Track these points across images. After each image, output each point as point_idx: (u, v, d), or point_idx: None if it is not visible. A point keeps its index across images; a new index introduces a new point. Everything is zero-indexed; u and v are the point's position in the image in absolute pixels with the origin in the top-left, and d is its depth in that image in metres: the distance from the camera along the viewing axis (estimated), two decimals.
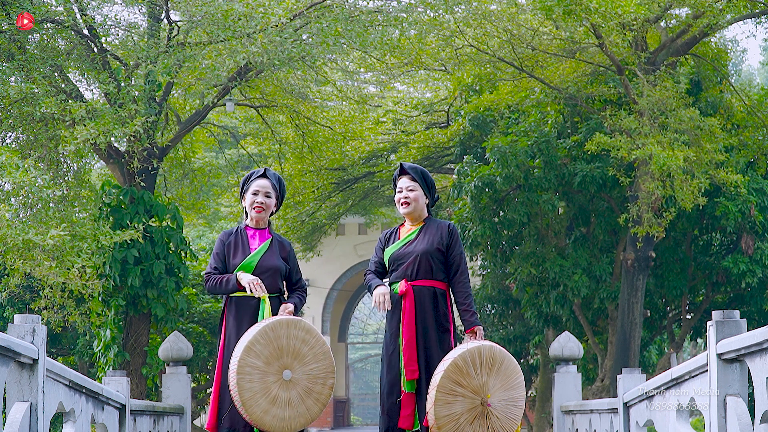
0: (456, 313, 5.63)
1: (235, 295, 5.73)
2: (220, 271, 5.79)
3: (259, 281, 5.59)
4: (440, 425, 5.10)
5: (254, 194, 5.83)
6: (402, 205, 5.69)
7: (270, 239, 5.85)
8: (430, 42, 14.81)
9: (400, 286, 5.54)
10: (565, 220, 15.18)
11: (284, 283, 5.95)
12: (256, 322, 5.54)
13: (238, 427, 5.47)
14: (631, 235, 13.26)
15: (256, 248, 5.77)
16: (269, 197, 5.85)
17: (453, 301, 5.65)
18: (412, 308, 5.49)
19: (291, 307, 5.69)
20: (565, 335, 10.33)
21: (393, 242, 5.70)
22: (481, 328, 5.49)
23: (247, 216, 5.95)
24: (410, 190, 5.66)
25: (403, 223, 5.82)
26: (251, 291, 5.57)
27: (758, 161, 13.89)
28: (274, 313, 5.67)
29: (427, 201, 5.73)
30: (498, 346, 5.25)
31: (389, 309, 5.52)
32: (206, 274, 5.79)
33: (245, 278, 5.60)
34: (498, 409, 5.17)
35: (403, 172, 5.73)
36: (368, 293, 5.73)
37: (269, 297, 5.70)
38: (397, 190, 5.72)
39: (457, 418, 5.11)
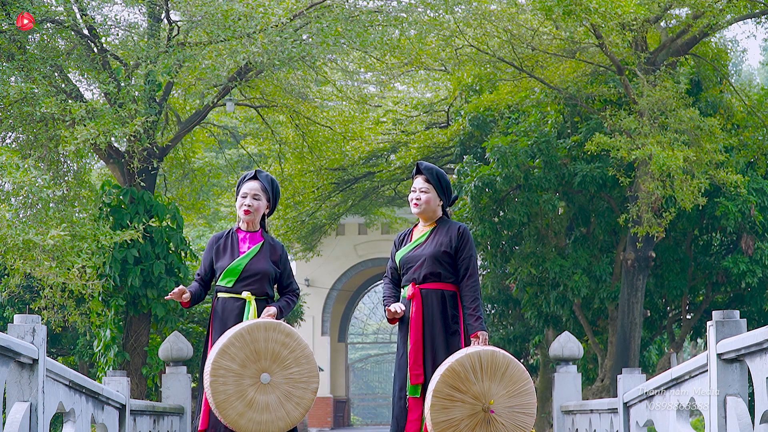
0: None
1: (222, 296, 5.72)
2: (201, 276, 5.79)
3: (175, 292, 5.59)
4: (438, 431, 5.04)
5: (243, 197, 5.79)
6: (413, 206, 5.65)
7: (261, 242, 5.80)
8: (430, 42, 14.81)
9: (408, 290, 5.52)
10: (565, 220, 15.19)
11: (275, 286, 5.91)
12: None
13: (219, 428, 5.45)
14: (631, 235, 13.26)
15: (245, 251, 5.74)
16: (258, 199, 5.80)
17: (462, 304, 5.60)
18: (419, 312, 5.46)
19: (273, 310, 5.63)
20: (565, 335, 10.33)
21: (405, 244, 5.68)
22: (486, 333, 5.40)
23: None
24: (423, 191, 5.61)
25: (417, 224, 5.80)
26: (177, 296, 5.58)
27: (758, 161, 13.90)
28: (259, 316, 5.64)
29: (441, 202, 5.68)
30: (502, 351, 5.13)
31: (402, 310, 5.49)
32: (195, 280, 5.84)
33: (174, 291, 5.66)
34: (503, 416, 5.02)
35: (418, 171, 5.67)
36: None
37: (256, 300, 5.66)
38: (411, 189, 5.68)
39: (456, 425, 4.99)
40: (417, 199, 5.61)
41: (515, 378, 5.09)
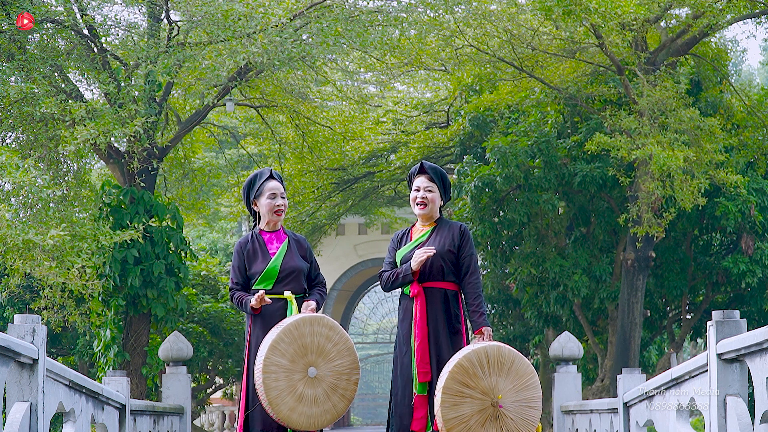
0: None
1: None
2: (241, 285, 5.68)
3: (258, 295, 5.52)
4: (449, 428, 5.02)
5: (271, 198, 5.70)
6: (418, 205, 5.60)
7: (287, 240, 5.76)
8: (430, 42, 14.81)
9: (411, 288, 5.52)
10: (565, 220, 15.18)
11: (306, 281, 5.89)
12: None
13: (271, 429, 5.44)
14: (631, 235, 13.26)
15: (275, 252, 5.68)
16: (284, 198, 5.77)
17: (465, 303, 5.62)
18: (423, 310, 5.47)
19: (313, 304, 5.62)
20: (565, 335, 10.33)
21: (405, 243, 5.66)
22: (490, 329, 5.43)
23: (258, 221, 5.81)
24: (428, 190, 5.59)
25: (414, 224, 5.77)
26: (260, 303, 5.51)
27: (758, 161, 13.89)
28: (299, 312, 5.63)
29: (442, 203, 5.69)
30: (507, 346, 5.17)
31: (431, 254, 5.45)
32: (230, 290, 5.71)
33: (252, 301, 5.54)
34: (511, 410, 5.07)
35: (421, 170, 5.64)
36: (397, 285, 5.60)
37: (295, 298, 5.63)
38: (414, 188, 5.63)
39: (466, 420, 5.03)
40: (423, 198, 5.58)
41: (521, 372, 5.13)
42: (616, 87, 13.61)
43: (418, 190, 5.60)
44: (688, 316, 15.31)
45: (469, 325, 5.66)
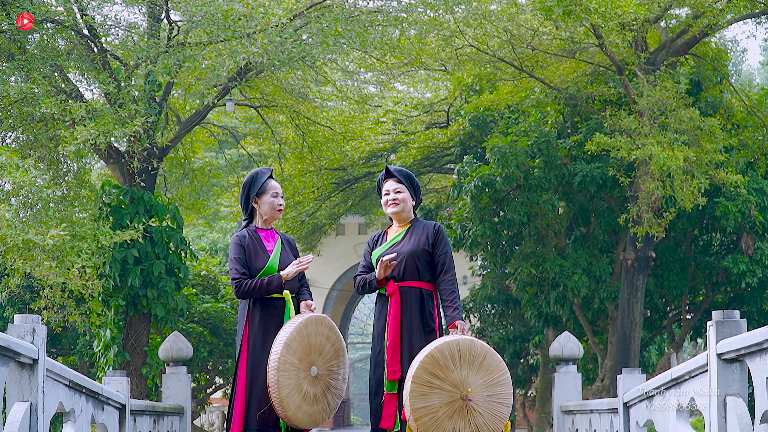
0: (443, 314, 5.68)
1: (260, 297, 5.68)
2: (248, 276, 5.62)
3: (300, 260, 5.57)
4: (416, 417, 5.03)
5: (274, 197, 5.77)
6: (390, 206, 5.74)
7: (279, 239, 5.82)
8: (430, 42, 14.81)
9: (387, 287, 5.58)
10: (565, 220, 15.18)
11: None
12: (283, 323, 5.51)
13: (267, 429, 5.45)
14: (631, 235, 13.26)
15: (272, 249, 5.72)
16: (283, 197, 5.88)
17: (440, 300, 5.69)
18: (397, 309, 5.54)
19: (313, 304, 5.68)
20: (565, 335, 10.32)
21: (381, 244, 5.77)
22: (463, 323, 5.49)
23: (254, 218, 5.84)
24: (397, 191, 5.75)
25: (390, 226, 5.87)
26: (297, 270, 5.56)
27: (758, 161, 13.89)
28: (296, 311, 5.65)
29: (414, 203, 5.81)
30: (480, 341, 5.20)
31: (395, 261, 5.55)
32: (235, 280, 5.58)
33: (291, 269, 5.55)
34: (480, 405, 5.08)
35: (388, 175, 5.80)
36: (366, 291, 5.72)
37: (291, 297, 5.67)
38: (384, 192, 5.79)
39: (434, 411, 5.04)
40: (394, 199, 5.75)
41: (492, 368, 5.16)
42: (616, 87, 13.61)
43: (388, 194, 5.77)
44: (688, 316, 15.31)
45: (444, 323, 5.73)
